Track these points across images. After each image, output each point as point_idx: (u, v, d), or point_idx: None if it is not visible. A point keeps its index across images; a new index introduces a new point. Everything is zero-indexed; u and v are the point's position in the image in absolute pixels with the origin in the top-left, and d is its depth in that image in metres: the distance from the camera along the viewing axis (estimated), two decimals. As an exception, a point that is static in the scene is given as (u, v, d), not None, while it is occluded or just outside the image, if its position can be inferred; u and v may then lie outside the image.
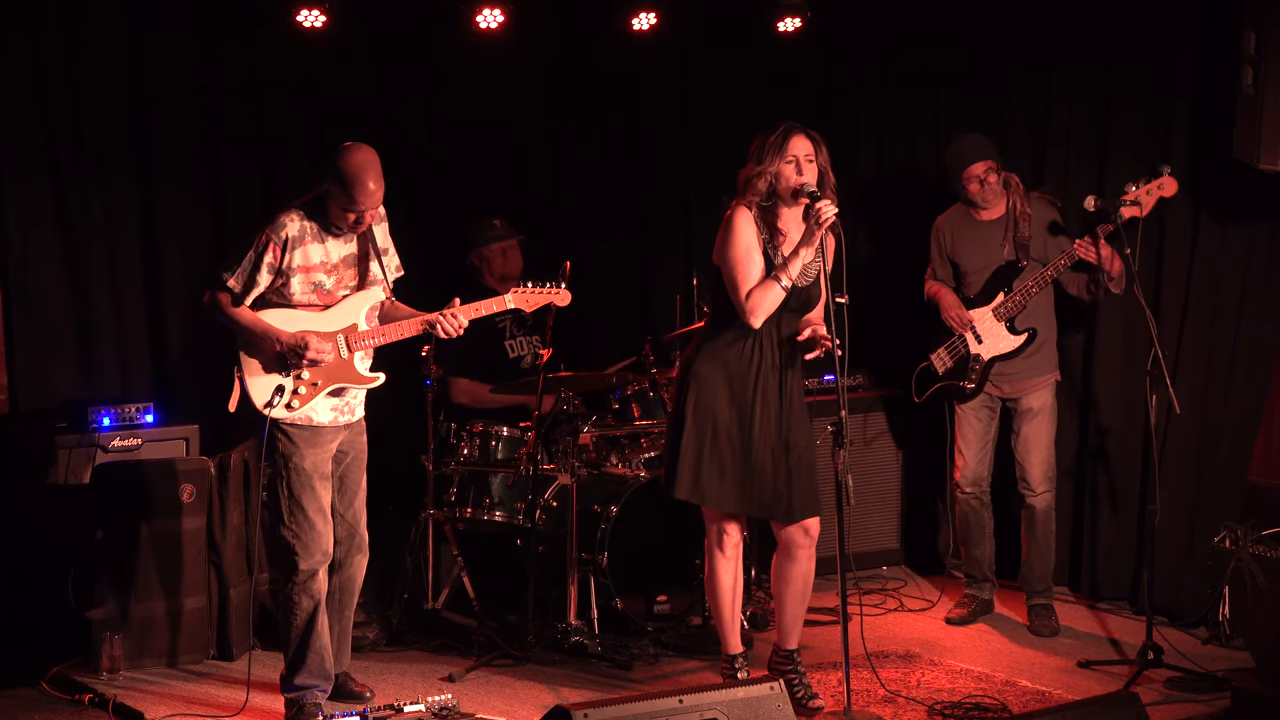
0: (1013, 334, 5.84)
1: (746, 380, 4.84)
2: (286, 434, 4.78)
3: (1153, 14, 5.99)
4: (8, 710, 4.99)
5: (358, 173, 4.62)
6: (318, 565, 4.82)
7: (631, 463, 6.03)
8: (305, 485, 4.78)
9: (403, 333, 4.85)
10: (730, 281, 4.80)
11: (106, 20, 5.96)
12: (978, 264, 5.91)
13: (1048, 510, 5.93)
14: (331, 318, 4.82)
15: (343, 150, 4.66)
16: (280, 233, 4.67)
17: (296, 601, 4.81)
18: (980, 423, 5.97)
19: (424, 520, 5.85)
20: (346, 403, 4.89)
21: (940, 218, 6.08)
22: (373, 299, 4.89)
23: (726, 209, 4.85)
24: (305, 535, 4.78)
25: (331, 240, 4.77)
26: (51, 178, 5.89)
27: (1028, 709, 4.95)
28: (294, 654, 4.86)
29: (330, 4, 6.03)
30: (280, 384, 4.75)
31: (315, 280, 4.76)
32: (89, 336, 6.01)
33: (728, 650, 5.08)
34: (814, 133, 4.80)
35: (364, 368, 4.86)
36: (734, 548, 4.99)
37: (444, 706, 4.74)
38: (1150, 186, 5.46)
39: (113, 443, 5.65)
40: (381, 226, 4.92)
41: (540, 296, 5.01)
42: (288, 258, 4.69)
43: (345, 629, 5.06)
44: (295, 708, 4.84)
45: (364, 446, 4.99)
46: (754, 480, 4.85)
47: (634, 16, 6.63)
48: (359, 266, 4.85)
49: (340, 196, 4.65)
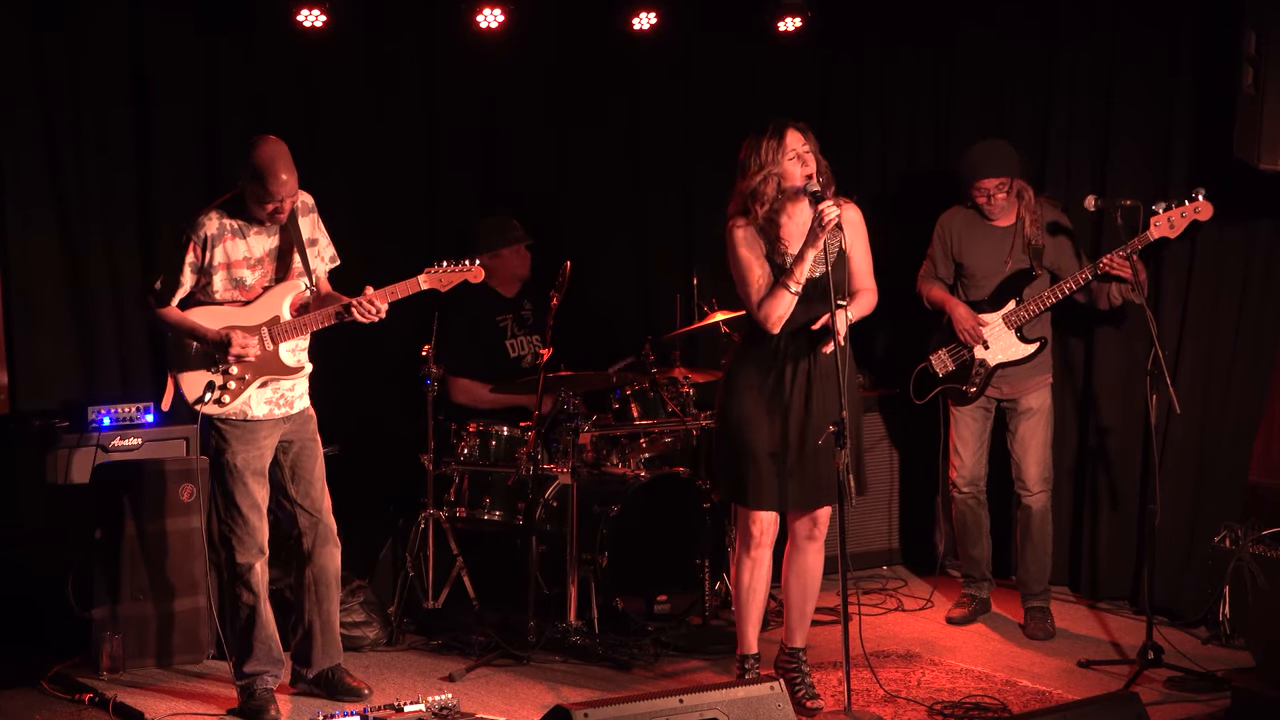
0: (1023, 342, 5.82)
1: (775, 375, 4.85)
2: (219, 431, 4.89)
3: (1153, 14, 5.99)
4: (8, 710, 4.99)
5: (269, 163, 4.76)
6: (254, 559, 4.94)
7: (631, 462, 6.04)
8: (237, 481, 4.89)
9: (321, 322, 4.94)
10: (743, 296, 4.86)
11: (107, 20, 5.96)
12: (986, 269, 5.87)
13: (1044, 511, 5.92)
14: (254, 312, 4.91)
15: (253, 144, 4.82)
16: (199, 232, 4.81)
17: (238, 595, 4.96)
18: (976, 423, 5.97)
19: (424, 520, 5.85)
20: (282, 395, 4.96)
21: (946, 214, 6.03)
22: (294, 290, 4.96)
23: (727, 218, 4.86)
24: (240, 530, 4.92)
25: (254, 235, 4.89)
26: (51, 177, 5.89)
27: (1028, 709, 4.95)
28: (240, 644, 4.99)
29: (330, 4, 6.03)
30: (210, 380, 4.86)
31: (236, 276, 4.87)
32: (89, 336, 6.00)
33: (742, 650, 5.07)
34: (800, 122, 4.82)
35: (291, 359, 4.95)
36: (762, 548, 4.97)
37: (444, 706, 4.75)
38: (1185, 209, 5.40)
39: (113, 443, 5.64)
40: (309, 217, 5.01)
41: (454, 275, 5.03)
42: (208, 255, 4.81)
43: (328, 621, 5.10)
44: (247, 694, 4.97)
45: (313, 434, 5.06)
46: (781, 477, 4.85)
47: (634, 16, 6.63)
48: (280, 260, 4.95)
49: (255, 188, 4.78)
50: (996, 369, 5.86)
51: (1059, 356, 6.20)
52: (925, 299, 6.06)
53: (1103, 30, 6.17)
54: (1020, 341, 5.82)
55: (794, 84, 7.05)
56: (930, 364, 6.02)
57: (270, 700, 4.93)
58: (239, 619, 4.97)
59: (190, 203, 6.17)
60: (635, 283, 7.24)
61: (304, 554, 5.03)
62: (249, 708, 4.93)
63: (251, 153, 4.78)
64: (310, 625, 5.07)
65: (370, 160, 6.56)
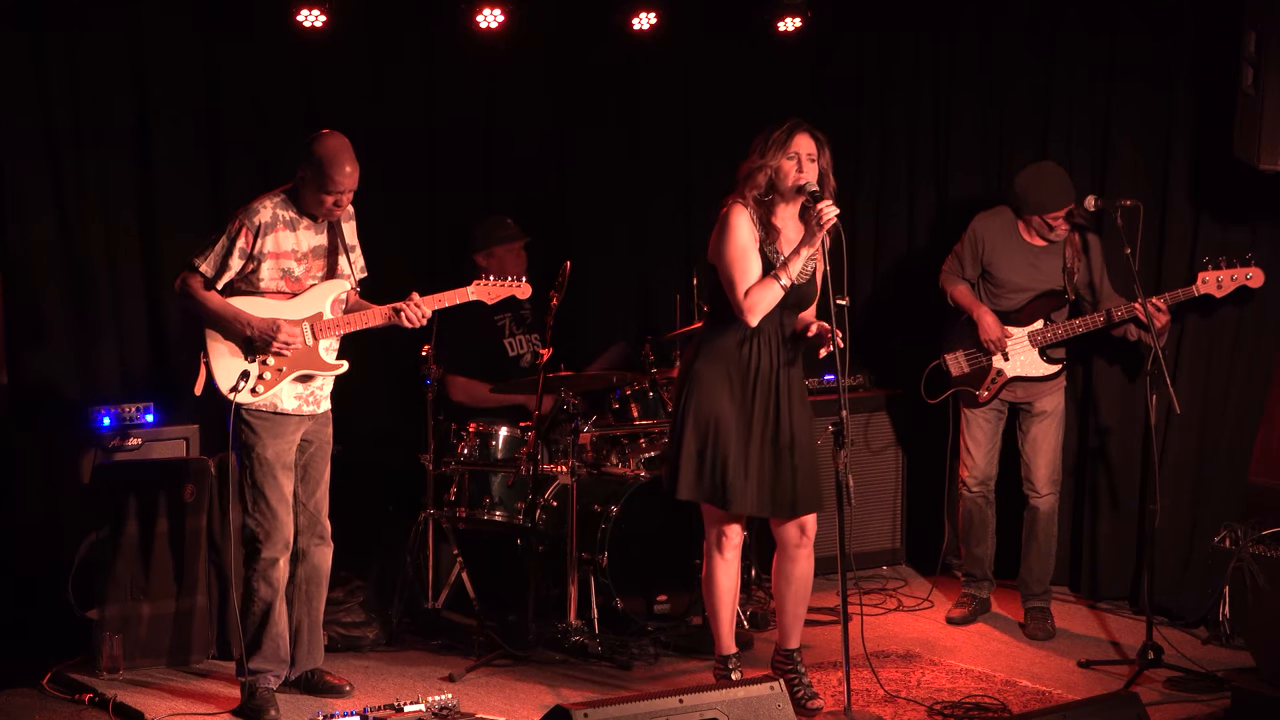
0: (1046, 362, 5.81)
1: (746, 379, 4.83)
2: (249, 424, 4.87)
3: (1153, 14, 5.99)
4: (8, 710, 4.99)
5: (334, 155, 4.78)
6: (279, 554, 4.93)
7: (631, 463, 6.03)
8: (268, 475, 4.87)
9: (367, 321, 4.96)
10: (727, 279, 4.79)
11: (106, 20, 5.96)
12: (1015, 282, 5.84)
13: (1051, 513, 5.92)
14: (298, 305, 4.91)
15: (318, 136, 4.85)
16: (254, 218, 4.80)
17: (256, 589, 4.93)
18: (990, 424, 5.96)
19: (424, 520, 5.85)
20: (312, 393, 4.96)
21: (981, 220, 5.93)
22: (339, 289, 4.98)
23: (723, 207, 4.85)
24: (268, 524, 4.89)
25: (303, 230, 4.89)
26: (51, 177, 5.89)
27: (1028, 709, 4.95)
28: (251, 639, 4.96)
29: (330, 4, 6.03)
30: (245, 369, 4.84)
31: (284, 267, 4.87)
32: (89, 337, 6.00)
33: (720, 651, 5.07)
34: (819, 133, 4.79)
35: (329, 356, 4.96)
36: (733, 549, 4.98)
37: (444, 706, 4.75)
38: (1236, 273, 5.45)
39: (113, 443, 5.65)
40: (350, 224, 5.03)
41: (502, 289, 5.11)
42: (259, 243, 4.81)
43: (315, 621, 5.12)
44: (249, 691, 4.96)
45: (329, 439, 5.08)
46: (755, 480, 4.84)
47: (634, 16, 6.63)
48: (328, 259, 4.96)
49: (318, 179, 4.79)
50: (1013, 380, 5.86)
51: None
52: (949, 296, 6.01)
53: (1102, 30, 6.16)
54: (1042, 361, 5.82)
55: (794, 84, 7.04)
56: (945, 362, 6.00)
57: (271, 701, 4.93)
58: (252, 613, 4.95)
59: (190, 203, 6.20)
60: (635, 283, 7.24)
61: (298, 551, 5.03)
62: (250, 707, 4.93)
63: (315, 145, 4.80)
64: (298, 625, 5.08)
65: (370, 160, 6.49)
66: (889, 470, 6.79)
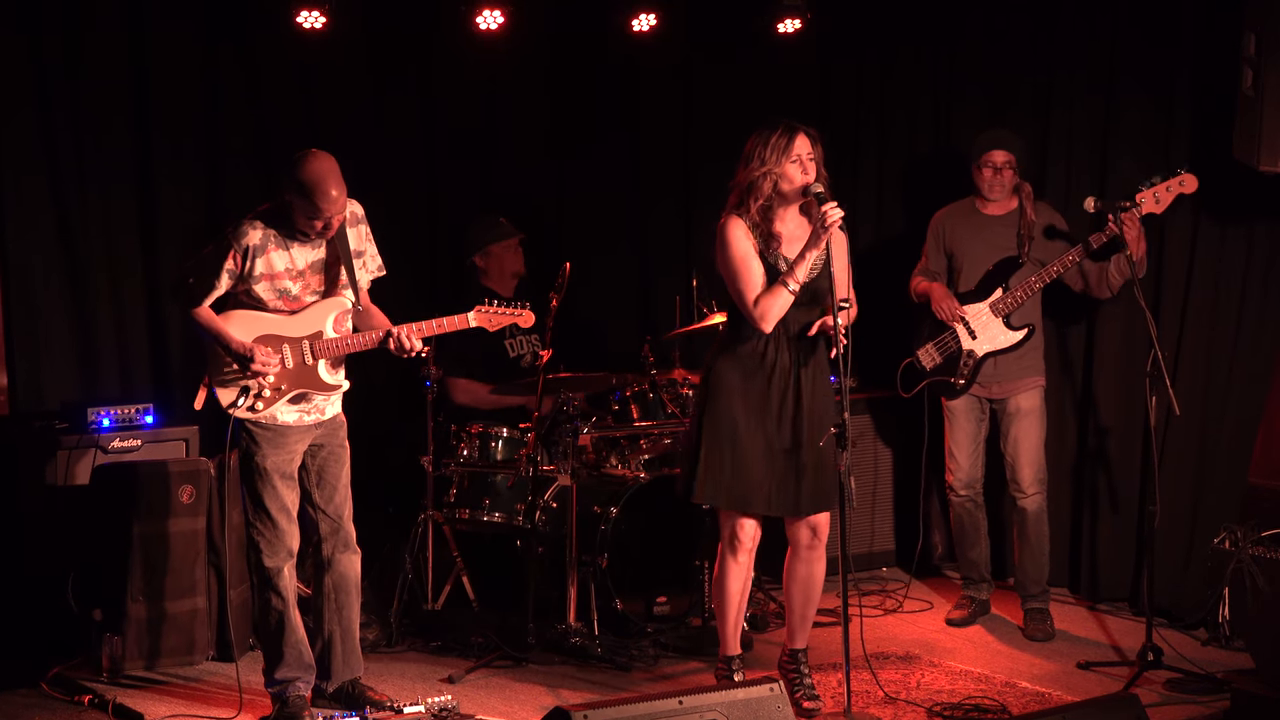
0: (1011, 330, 5.83)
1: (761, 380, 4.84)
2: (250, 433, 4.80)
3: (1153, 16, 5.99)
4: (8, 710, 4.99)
5: (318, 180, 4.56)
6: (283, 563, 4.86)
7: (631, 464, 6.04)
8: (266, 484, 4.81)
9: (364, 343, 4.83)
10: (735, 291, 4.82)
11: (107, 22, 5.96)
12: (976, 256, 5.89)
13: (1039, 512, 5.92)
14: (299, 323, 4.80)
15: (300, 158, 4.61)
16: (241, 241, 4.65)
17: (267, 599, 4.87)
18: (971, 425, 5.97)
19: (423, 521, 5.85)
20: (315, 405, 4.87)
21: (939, 213, 6.07)
22: (339, 307, 4.84)
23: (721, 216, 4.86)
24: (268, 533, 4.83)
25: (296, 247, 4.74)
26: (51, 178, 5.89)
27: (1027, 710, 4.95)
28: (270, 650, 4.91)
29: (330, 4, 6.03)
30: (245, 385, 4.76)
31: (280, 287, 4.74)
32: (89, 337, 6.01)
33: (725, 651, 5.07)
34: (812, 129, 4.81)
35: (329, 375, 4.84)
36: (746, 552, 4.97)
37: (444, 707, 4.75)
38: (1170, 183, 5.46)
39: (112, 443, 5.64)
40: (356, 229, 4.86)
41: (504, 317, 4.96)
42: (248, 265, 4.67)
43: (349, 629, 5.02)
44: (280, 702, 4.88)
45: (342, 441, 4.97)
46: (769, 481, 4.85)
47: (634, 18, 6.63)
48: (326, 273, 4.82)
49: (303, 204, 4.59)
50: (985, 359, 5.86)
51: (1057, 356, 6.21)
52: (913, 293, 6.08)
53: (1102, 33, 6.16)
54: (1008, 329, 5.83)
55: (793, 85, 7.05)
56: (917, 358, 6.03)
57: (304, 707, 4.84)
58: (269, 624, 4.87)
59: (190, 203, 6.21)
60: (635, 283, 7.24)
61: (323, 560, 4.95)
62: (283, 715, 4.85)
63: (298, 167, 4.57)
64: (330, 635, 4.98)
65: (370, 161, 6.55)
66: (882, 472, 6.79)
